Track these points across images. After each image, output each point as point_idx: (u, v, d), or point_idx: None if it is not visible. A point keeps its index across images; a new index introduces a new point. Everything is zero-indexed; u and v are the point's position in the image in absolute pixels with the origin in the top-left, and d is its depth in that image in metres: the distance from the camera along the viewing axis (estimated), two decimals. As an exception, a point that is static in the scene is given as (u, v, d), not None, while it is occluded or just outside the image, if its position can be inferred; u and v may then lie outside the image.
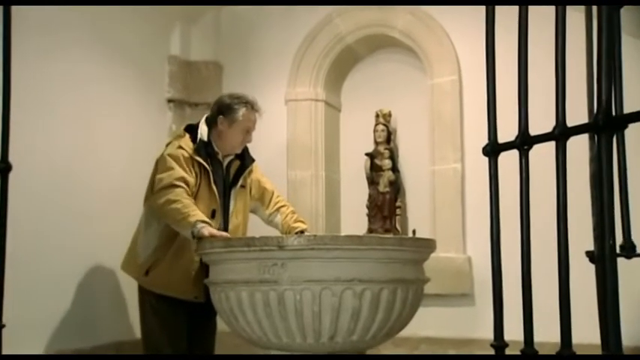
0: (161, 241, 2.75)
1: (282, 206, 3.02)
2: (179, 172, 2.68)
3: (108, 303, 3.49)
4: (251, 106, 2.84)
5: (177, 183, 2.64)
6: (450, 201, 3.72)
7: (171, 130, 4.02)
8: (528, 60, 1.08)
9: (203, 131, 2.82)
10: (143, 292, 2.85)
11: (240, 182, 2.89)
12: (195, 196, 2.73)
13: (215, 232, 2.51)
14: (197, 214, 2.56)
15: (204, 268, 2.63)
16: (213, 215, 2.77)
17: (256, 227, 3.07)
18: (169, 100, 4.07)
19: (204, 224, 2.51)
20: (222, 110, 2.85)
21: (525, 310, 1.05)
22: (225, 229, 2.82)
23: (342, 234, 3.39)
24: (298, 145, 4.09)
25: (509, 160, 1.32)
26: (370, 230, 3.93)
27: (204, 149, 2.78)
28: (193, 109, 4.17)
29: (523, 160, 1.06)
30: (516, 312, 1.17)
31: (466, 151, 3.74)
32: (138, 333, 3.51)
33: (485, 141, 1.15)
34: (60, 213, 3.22)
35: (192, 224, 2.51)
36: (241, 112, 2.81)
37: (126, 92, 3.73)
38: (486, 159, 1.15)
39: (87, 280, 3.36)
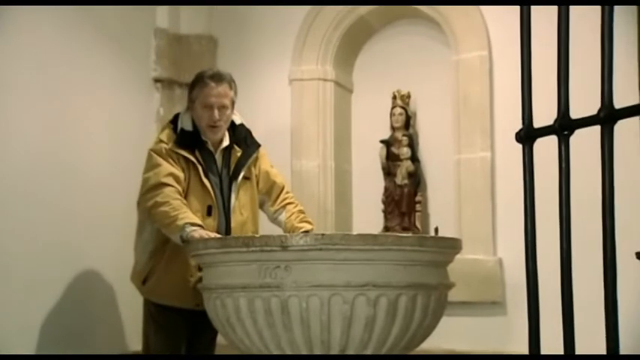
0: (157, 245, 2.79)
1: (289, 204, 3.02)
2: (166, 168, 2.70)
3: (94, 310, 3.51)
4: (206, 77, 2.82)
5: (166, 181, 2.67)
6: (478, 195, 3.71)
7: (159, 114, 4.03)
8: (570, 32, 1.07)
9: (185, 119, 2.84)
10: (145, 302, 2.93)
11: (243, 173, 2.89)
12: (185, 194, 2.74)
13: (205, 234, 2.53)
14: (187, 216, 2.58)
15: None
16: (209, 212, 2.78)
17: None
18: (156, 80, 4.08)
19: (194, 227, 2.54)
20: (188, 94, 2.89)
21: (565, 319, 1.04)
22: (227, 228, 2.83)
23: (354, 232, 3.40)
24: (304, 131, 4.08)
25: (546, 148, 1.31)
26: (386, 228, 3.93)
27: (188, 139, 2.79)
28: (184, 89, 4.16)
29: (563, 148, 1.05)
30: (555, 322, 1.16)
31: (496, 137, 3.73)
32: (126, 346, 3.55)
33: (519, 125, 1.14)
34: (33, 207, 3.24)
35: (180, 228, 2.54)
36: (196, 88, 2.83)
37: (106, 71, 3.73)
38: (520, 146, 1.14)
39: (66, 283, 3.37)
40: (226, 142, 2.89)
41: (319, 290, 2.24)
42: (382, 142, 4.03)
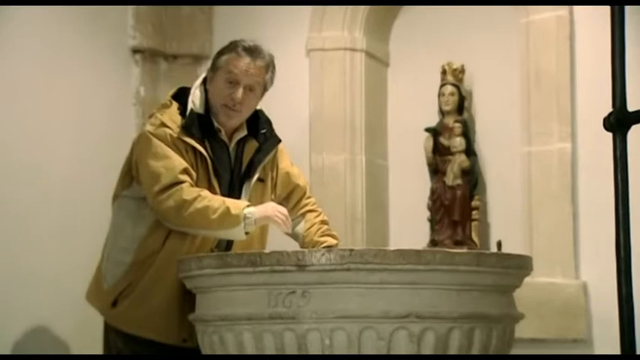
0: (139, 256, 2.78)
1: (310, 212, 3.03)
2: (180, 161, 2.70)
3: (52, 342, 3.55)
4: (241, 47, 2.83)
5: (183, 179, 2.69)
6: (555, 198, 3.70)
7: (138, 95, 4.05)
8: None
9: (196, 98, 2.83)
10: (108, 331, 2.88)
11: (258, 174, 2.90)
12: None
13: (272, 208, 2.75)
14: (232, 201, 2.70)
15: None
16: None
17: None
18: (135, 51, 4.10)
19: (252, 209, 2.69)
20: (213, 60, 2.88)
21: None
22: (229, 242, 2.84)
23: (392, 248, 3.40)
24: (326, 116, 4.09)
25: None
26: (434, 243, 3.93)
27: (198, 125, 2.79)
28: (171, 62, 4.19)
29: (666, 137, 1.05)
30: (655, 364, 1.16)
31: (579, 123, 3.72)
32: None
33: (608, 108, 1.14)
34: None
35: (238, 217, 2.64)
36: (224, 56, 2.83)
37: (72, 39, 3.75)
38: (610, 135, 1.14)
39: (15, 309, 3.41)
40: (244, 132, 2.90)
41: (347, 322, 2.25)
42: (428, 130, 4.03)
